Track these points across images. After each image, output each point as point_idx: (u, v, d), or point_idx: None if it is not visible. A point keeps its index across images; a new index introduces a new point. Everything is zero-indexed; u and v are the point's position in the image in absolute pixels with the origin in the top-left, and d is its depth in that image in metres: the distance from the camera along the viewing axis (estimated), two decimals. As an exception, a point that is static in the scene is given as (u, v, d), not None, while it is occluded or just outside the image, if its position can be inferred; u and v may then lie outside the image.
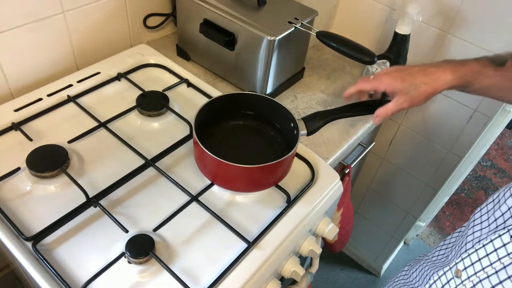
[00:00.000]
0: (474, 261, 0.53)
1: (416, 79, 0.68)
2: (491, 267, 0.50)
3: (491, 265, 0.50)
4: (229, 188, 0.71)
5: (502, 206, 0.55)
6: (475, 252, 0.53)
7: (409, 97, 0.68)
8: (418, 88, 0.68)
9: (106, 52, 0.95)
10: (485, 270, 0.51)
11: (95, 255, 0.61)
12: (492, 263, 0.50)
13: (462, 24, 0.96)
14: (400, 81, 0.68)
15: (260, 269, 0.62)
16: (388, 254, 1.66)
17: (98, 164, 0.73)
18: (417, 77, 0.68)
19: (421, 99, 0.68)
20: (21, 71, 0.83)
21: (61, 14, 0.83)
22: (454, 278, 0.56)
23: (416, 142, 1.23)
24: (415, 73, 0.69)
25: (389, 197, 1.44)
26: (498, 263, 0.49)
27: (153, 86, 0.88)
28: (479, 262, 0.52)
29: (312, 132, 0.73)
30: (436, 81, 0.67)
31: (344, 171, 1.00)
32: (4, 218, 0.62)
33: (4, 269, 0.94)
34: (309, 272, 0.81)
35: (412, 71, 0.70)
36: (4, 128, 0.76)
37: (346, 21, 1.17)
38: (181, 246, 0.64)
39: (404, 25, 0.90)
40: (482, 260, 0.52)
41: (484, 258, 0.52)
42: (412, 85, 0.68)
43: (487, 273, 0.50)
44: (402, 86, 0.68)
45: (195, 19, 0.91)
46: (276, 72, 0.89)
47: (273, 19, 0.86)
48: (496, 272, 0.49)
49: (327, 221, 0.76)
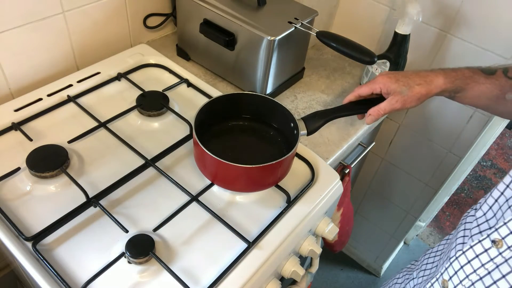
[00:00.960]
0: (457, 269, 0.52)
1: (410, 80, 0.69)
2: (475, 274, 0.49)
3: (475, 271, 0.50)
4: (229, 188, 0.71)
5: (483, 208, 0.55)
6: (456, 260, 0.53)
7: (402, 98, 0.69)
8: (411, 89, 0.68)
9: (106, 52, 0.95)
10: (469, 277, 0.50)
11: (95, 255, 0.61)
12: (476, 269, 0.49)
13: (462, 24, 0.96)
14: (394, 81, 0.69)
15: (260, 269, 0.62)
16: (388, 254, 1.66)
17: (98, 164, 0.73)
18: (412, 78, 0.69)
19: (413, 100, 0.69)
20: (21, 71, 0.83)
21: (61, 14, 0.83)
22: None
23: (416, 142, 1.23)
24: (410, 75, 0.70)
25: (389, 197, 1.44)
26: (482, 269, 0.49)
27: (153, 86, 0.88)
28: (462, 270, 0.51)
29: (312, 131, 0.73)
30: (429, 83, 0.69)
31: (344, 171, 1.00)
32: (4, 218, 0.62)
33: (4, 269, 0.94)
34: (309, 272, 0.81)
35: (407, 73, 0.71)
36: (4, 128, 0.76)
37: (346, 21, 1.17)
38: (181, 246, 0.64)
39: (404, 25, 0.90)
40: (464, 268, 0.51)
41: (467, 265, 0.51)
42: (406, 85, 0.69)
43: (472, 280, 0.50)
44: (396, 85, 0.69)
45: (195, 19, 0.91)
46: (276, 72, 0.89)
47: (273, 19, 0.86)
48: (481, 279, 0.49)
49: (327, 221, 0.76)
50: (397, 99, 0.69)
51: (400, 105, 0.69)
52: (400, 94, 0.69)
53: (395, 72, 0.72)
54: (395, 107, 0.70)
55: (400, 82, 0.69)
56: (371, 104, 0.74)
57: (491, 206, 0.53)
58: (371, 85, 0.72)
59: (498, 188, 0.53)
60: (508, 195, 0.51)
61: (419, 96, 0.69)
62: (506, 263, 0.46)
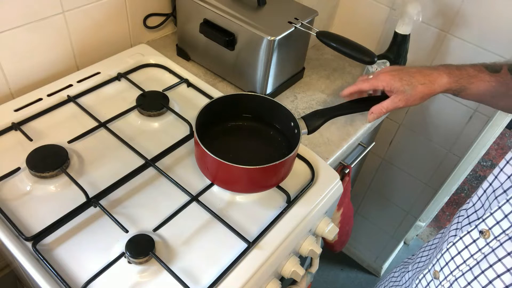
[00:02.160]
0: (448, 261, 0.53)
1: (413, 78, 0.69)
2: (465, 265, 0.51)
3: (464, 262, 0.51)
4: (230, 189, 0.71)
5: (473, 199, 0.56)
6: (447, 251, 0.54)
7: (405, 96, 0.69)
8: (415, 88, 0.68)
9: (106, 52, 0.95)
10: (460, 268, 0.51)
11: (95, 255, 0.61)
12: (466, 260, 0.51)
13: (462, 24, 0.96)
14: (398, 79, 0.69)
15: (260, 269, 0.62)
16: (388, 254, 1.66)
17: (98, 164, 0.73)
18: (415, 77, 0.69)
19: (416, 99, 0.69)
20: (21, 71, 0.83)
21: (61, 14, 0.83)
22: (433, 279, 0.56)
23: (416, 142, 1.23)
24: (413, 73, 0.69)
25: (389, 197, 1.44)
26: (471, 260, 0.50)
27: (153, 86, 0.88)
28: (453, 261, 0.52)
29: (313, 130, 0.73)
30: (433, 83, 0.68)
31: (344, 171, 1.00)
32: (4, 218, 0.62)
33: (4, 269, 0.94)
34: (309, 272, 0.81)
35: (410, 71, 0.70)
36: (4, 128, 0.76)
37: (346, 21, 1.17)
38: (181, 246, 0.64)
39: (404, 25, 0.90)
40: (455, 259, 0.52)
41: (457, 256, 0.52)
42: (410, 84, 0.68)
43: (462, 271, 0.51)
44: (400, 84, 0.69)
45: (195, 19, 0.91)
46: (276, 72, 0.89)
47: (273, 19, 0.86)
48: (470, 269, 0.50)
49: (327, 221, 0.76)
50: (400, 97, 0.69)
51: (403, 103, 0.69)
52: (403, 93, 0.69)
53: (398, 69, 0.72)
54: (398, 105, 0.70)
55: (404, 81, 0.69)
56: (371, 102, 0.74)
57: (480, 197, 0.54)
58: (373, 82, 0.72)
59: (487, 180, 0.53)
60: (495, 185, 0.51)
61: (422, 95, 0.69)
62: (493, 252, 0.47)
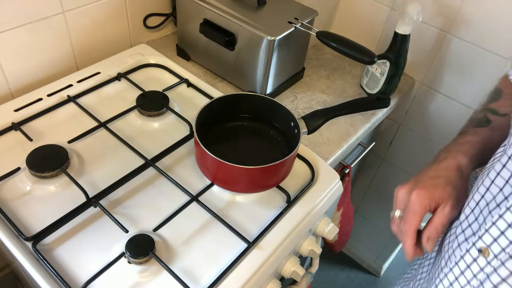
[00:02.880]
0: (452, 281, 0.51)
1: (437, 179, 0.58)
2: (469, 285, 0.49)
3: (469, 283, 0.49)
4: (230, 189, 0.71)
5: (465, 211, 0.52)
6: (450, 272, 0.51)
7: (451, 198, 0.56)
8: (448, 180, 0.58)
9: (106, 52, 0.95)
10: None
11: (95, 255, 0.61)
12: (470, 280, 0.48)
13: (462, 24, 0.96)
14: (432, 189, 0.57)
15: (260, 269, 0.62)
16: (388, 254, 1.66)
17: (98, 164, 0.73)
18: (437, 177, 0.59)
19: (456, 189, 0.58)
20: (21, 71, 0.83)
21: (61, 14, 0.83)
22: None
23: (416, 142, 1.23)
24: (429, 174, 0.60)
25: (389, 197, 1.44)
26: (474, 280, 0.48)
27: (153, 86, 0.88)
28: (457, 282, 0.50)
29: (313, 130, 0.73)
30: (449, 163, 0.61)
31: (344, 171, 1.00)
32: (4, 218, 0.62)
33: (4, 269, 0.94)
34: (309, 272, 0.81)
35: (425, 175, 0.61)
36: (4, 128, 0.76)
37: (346, 21, 1.17)
38: (181, 246, 0.64)
39: (404, 25, 0.90)
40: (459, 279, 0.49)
41: (460, 276, 0.49)
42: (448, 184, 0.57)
43: None
44: (441, 190, 0.56)
45: (195, 19, 0.91)
46: (276, 72, 0.89)
47: (273, 19, 0.86)
48: None
49: (327, 221, 0.76)
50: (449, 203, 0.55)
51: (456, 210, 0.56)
52: (449, 197, 0.56)
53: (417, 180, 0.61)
54: (452, 214, 0.55)
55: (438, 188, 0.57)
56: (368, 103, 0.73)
57: (473, 210, 0.51)
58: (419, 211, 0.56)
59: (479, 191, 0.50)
60: (488, 198, 0.48)
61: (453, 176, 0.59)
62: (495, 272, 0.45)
